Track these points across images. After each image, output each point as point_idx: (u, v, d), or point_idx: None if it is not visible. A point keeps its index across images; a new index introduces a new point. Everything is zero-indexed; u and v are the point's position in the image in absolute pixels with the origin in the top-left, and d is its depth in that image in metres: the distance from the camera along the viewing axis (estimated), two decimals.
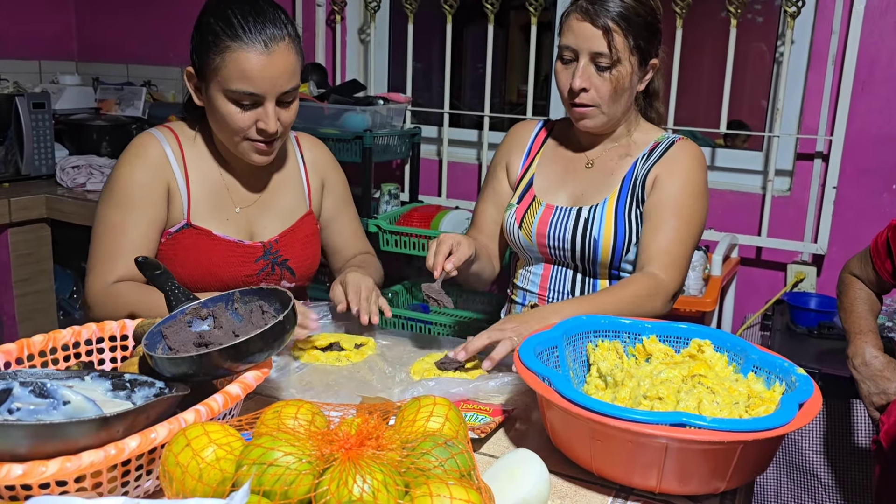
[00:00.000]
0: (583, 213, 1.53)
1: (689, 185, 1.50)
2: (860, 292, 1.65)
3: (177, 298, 1.15)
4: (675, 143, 1.54)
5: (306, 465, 0.70)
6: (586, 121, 1.51)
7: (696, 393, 1.03)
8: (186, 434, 0.76)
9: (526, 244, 1.59)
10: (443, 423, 0.82)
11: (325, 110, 2.68)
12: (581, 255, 1.54)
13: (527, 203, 1.60)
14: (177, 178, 1.46)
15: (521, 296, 1.66)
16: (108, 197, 1.44)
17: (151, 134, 1.48)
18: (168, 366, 0.95)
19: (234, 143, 1.42)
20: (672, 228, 1.47)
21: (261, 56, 1.33)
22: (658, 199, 1.49)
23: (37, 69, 3.59)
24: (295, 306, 1.03)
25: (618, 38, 1.43)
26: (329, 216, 1.68)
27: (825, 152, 2.41)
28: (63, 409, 0.77)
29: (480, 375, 1.26)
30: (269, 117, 1.37)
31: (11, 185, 2.83)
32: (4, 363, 0.99)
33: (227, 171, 1.52)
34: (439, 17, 2.89)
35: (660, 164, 1.52)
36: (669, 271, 1.45)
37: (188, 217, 1.47)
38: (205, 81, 1.39)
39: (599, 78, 1.46)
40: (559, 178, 1.61)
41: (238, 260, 1.50)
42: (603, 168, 1.58)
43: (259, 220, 1.55)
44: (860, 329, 1.59)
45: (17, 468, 0.73)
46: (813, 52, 2.40)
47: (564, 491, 0.96)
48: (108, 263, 1.40)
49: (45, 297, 2.86)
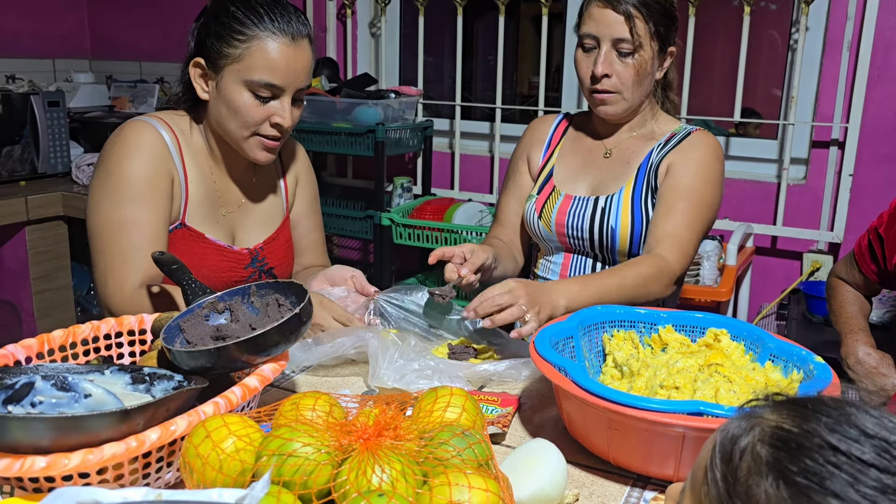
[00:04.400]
0: (600, 202, 1.54)
1: (702, 172, 1.50)
2: (848, 294, 1.65)
3: (194, 292, 1.16)
4: (692, 133, 1.56)
5: (325, 455, 0.71)
6: (607, 107, 1.52)
7: (712, 382, 1.02)
8: (206, 426, 0.76)
9: (546, 234, 1.60)
10: (460, 414, 0.82)
11: (337, 104, 2.68)
12: (600, 244, 1.55)
13: (546, 193, 1.61)
14: (178, 172, 1.39)
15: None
16: (111, 192, 1.33)
17: (146, 122, 1.38)
18: (186, 359, 0.96)
19: (242, 138, 1.37)
20: (681, 212, 1.47)
21: (288, 48, 1.31)
22: (670, 184, 1.50)
23: (51, 68, 3.61)
24: (311, 299, 1.03)
25: (639, 23, 1.44)
26: (294, 218, 1.62)
27: (841, 140, 2.39)
28: (84, 402, 0.78)
29: (490, 360, 1.27)
30: (285, 111, 1.35)
31: (28, 184, 2.85)
32: (25, 358, 1.00)
33: (218, 170, 1.47)
34: (450, 10, 2.88)
35: (674, 152, 1.53)
36: (675, 253, 1.44)
37: (183, 217, 1.40)
38: (217, 70, 1.34)
39: (621, 64, 1.47)
40: (578, 168, 1.62)
41: (229, 265, 1.45)
42: (620, 157, 1.59)
43: (242, 225, 1.50)
44: (851, 328, 1.58)
45: (41, 460, 0.74)
46: (828, 38, 2.37)
47: (582, 480, 0.96)
48: (126, 266, 1.32)
49: (62, 293, 2.89)
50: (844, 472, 0.46)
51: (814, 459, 0.47)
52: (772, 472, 0.48)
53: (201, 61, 1.35)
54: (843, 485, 0.46)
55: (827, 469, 0.46)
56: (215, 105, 1.37)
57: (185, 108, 1.45)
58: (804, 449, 0.48)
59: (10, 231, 2.71)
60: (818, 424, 0.49)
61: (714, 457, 0.52)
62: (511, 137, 2.94)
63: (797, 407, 0.52)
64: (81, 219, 2.75)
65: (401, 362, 1.15)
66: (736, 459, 0.50)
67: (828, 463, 0.47)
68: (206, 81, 1.37)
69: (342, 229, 2.81)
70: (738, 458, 0.50)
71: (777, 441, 0.49)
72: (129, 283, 1.32)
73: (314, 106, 2.69)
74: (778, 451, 0.49)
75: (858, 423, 0.49)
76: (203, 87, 1.38)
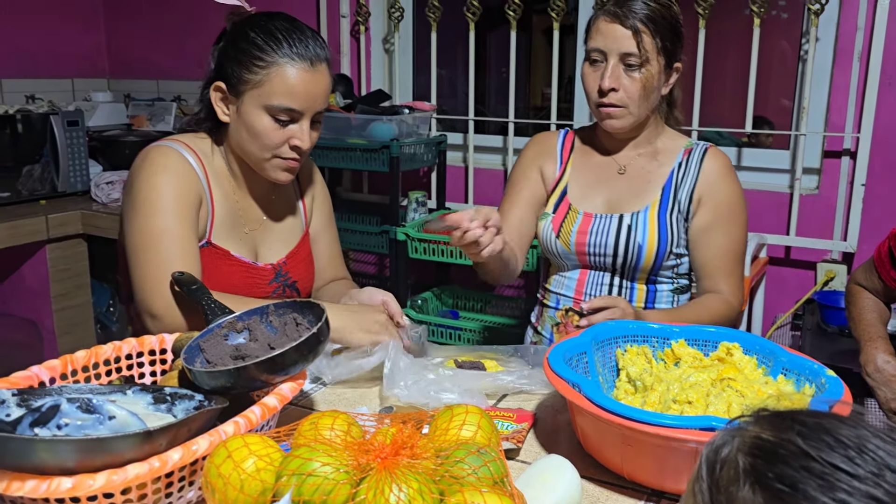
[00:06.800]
0: (625, 219, 1.56)
1: (732, 200, 1.59)
2: (868, 301, 1.65)
3: (213, 312, 1.18)
4: (707, 154, 1.60)
5: (344, 474, 0.72)
6: (614, 121, 1.53)
7: (725, 396, 1.03)
8: (227, 446, 0.78)
9: (563, 252, 1.62)
10: (475, 432, 0.84)
11: (352, 121, 2.71)
12: (623, 260, 1.57)
13: (563, 213, 1.62)
14: (205, 193, 1.43)
15: (555, 300, 1.68)
16: (142, 208, 1.35)
17: (170, 147, 1.41)
18: (207, 379, 0.98)
19: (262, 160, 1.40)
20: (731, 253, 1.58)
21: (306, 73, 1.35)
22: (708, 222, 1.58)
23: (70, 87, 3.67)
24: (328, 318, 1.05)
25: (646, 38, 1.47)
26: (312, 235, 1.65)
27: (853, 149, 2.39)
28: (109, 424, 0.80)
29: (498, 371, 1.28)
30: (304, 134, 1.38)
31: (48, 202, 2.90)
32: (49, 378, 1.03)
33: (240, 190, 1.50)
34: (462, 25, 2.91)
35: (701, 185, 1.58)
36: (737, 294, 1.58)
37: (210, 235, 1.43)
38: (238, 95, 1.37)
39: (628, 78, 1.49)
40: (591, 185, 1.64)
41: (254, 281, 1.48)
42: (637, 175, 1.61)
43: (264, 242, 1.53)
44: (870, 336, 1.58)
45: (67, 482, 0.76)
46: (838, 48, 2.38)
47: (596, 496, 0.97)
48: (165, 269, 1.32)
49: (82, 311, 2.92)
50: (815, 476, 0.48)
51: (788, 465, 0.50)
52: (748, 478, 0.50)
53: (222, 86, 1.38)
54: (814, 489, 0.48)
55: (800, 474, 0.49)
56: (236, 128, 1.41)
57: (206, 129, 1.48)
58: (779, 456, 0.50)
59: (31, 249, 2.75)
60: (793, 434, 0.51)
61: (700, 469, 0.55)
62: None
63: (777, 419, 0.54)
64: (101, 237, 2.81)
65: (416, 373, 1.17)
66: (718, 470, 0.53)
67: (801, 468, 0.49)
68: (227, 105, 1.40)
69: (358, 244, 2.83)
70: (720, 468, 0.53)
71: (755, 450, 0.52)
72: (167, 285, 1.32)
73: (330, 123, 2.72)
74: (755, 459, 0.51)
75: (833, 431, 0.51)
76: (224, 111, 1.41)
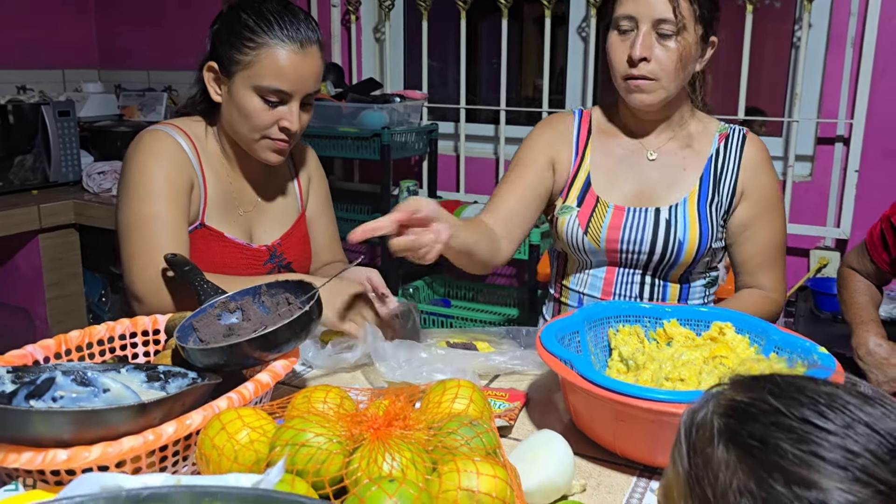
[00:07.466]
0: (662, 213, 1.43)
1: (773, 191, 1.49)
2: (860, 284, 1.65)
3: (206, 293, 1.18)
4: (747, 142, 1.48)
5: (337, 445, 0.73)
6: (644, 96, 1.37)
7: (717, 374, 1.04)
8: (221, 418, 0.78)
9: (591, 249, 1.46)
10: (468, 405, 0.84)
11: (343, 109, 2.71)
12: (661, 258, 1.43)
13: (590, 206, 1.46)
14: (197, 176, 1.44)
15: (576, 298, 1.53)
16: (134, 192, 1.38)
17: (162, 131, 1.42)
18: (200, 356, 0.98)
19: (252, 141, 1.41)
20: (771, 246, 1.49)
21: (296, 55, 1.35)
22: (750, 217, 1.47)
23: (60, 78, 3.66)
24: (320, 298, 1.06)
25: (683, 2, 1.32)
26: (310, 218, 1.65)
27: (846, 136, 2.40)
28: (103, 397, 0.81)
29: (489, 351, 1.29)
30: (293, 116, 1.39)
31: (40, 192, 2.89)
32: (44, 357, 1.03)
33: (233, 172, 1.51)
34: (453, 13, 2.91)
35: (743, 176, 1.46)
36: (780, 288, 1.51)
37: (203, 217, 1.45)
38: (229, 76, 1.38)
39: (662, 47, 1.34)
40: (617, 172, 1.49)
41: (248, 262, 1.49)
42: (670, 162, 1.47)
43: (259, 224, 1.54)
44: (862, 319, 1.59)
45: (62, 453, 0.76)
46: (831, 35, 2.39)
47: (589, 471, 0.98)
48: (151, 252, 1.34)
49: (75, 300, 2.92)
50: (785, 430, 0.50)
51: (759, 422, 0.51)
52: (722, 437, 0.52)
53: (214, 65, 1.40)
54: (785, 442, 0.49)
55: (770, 430, 0.50)
56: (227, 108, 1.42)
57: (200, 110, 1.49)
58: (750, 415, 0.52)
59: (24, 239, 2.75)
60: (765, 393, 0.53)
61: (679, 435, 0.56)
62: (516, 139, 2.96)
63: (751, 381, 0.56)
64: (93, 226, 2.80)
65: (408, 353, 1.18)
66: (694, 433, 0.54)
67: (772, 424, 0.50)
68: (219, 85, 1.42)
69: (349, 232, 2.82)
70: (696, 431, 0.54)
71: (729, 411, 0.53)
72: (152, 269, 1.34)
73: (320, 111, 2.71)
74: (729, 419, 0.52)
75: (804, 389, 0.52)
76: (216, 91, 1.42)
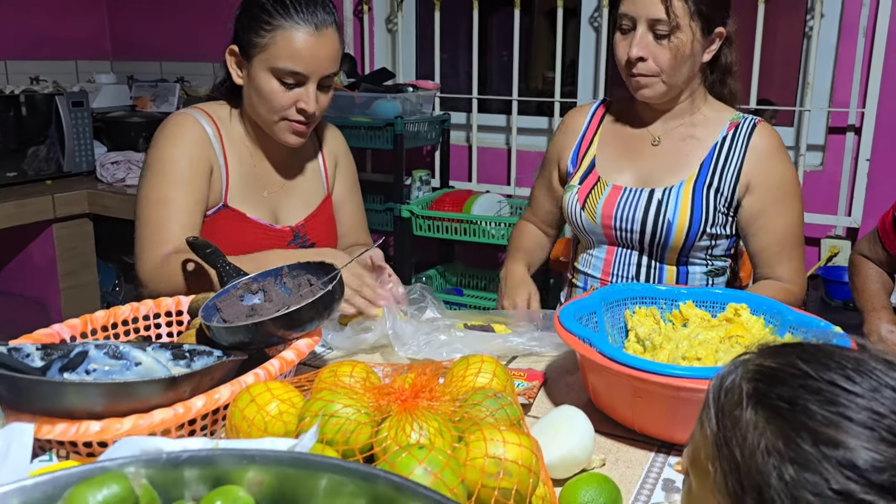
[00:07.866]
0: (655, 194, 1.47)
1: (785, 180, 1.48)
2: (871, 271, 1.65)
3: (228, 274, 1.20)
4: (755, 131, 1.48)
5: (365, 416, 0.74)
6: (645, 90, 1.45)
7: (734, 353, 1.04)
8: (251, 391, 0.80)
9: (589, 226, 1.53)
10: (491, 379, 0.86)
11: (356, 99, 2.72)
12: (651, 237, 1.48)
13: (590, 184, 1.54)
14: (218, 159, 1.47)
15: (583, 280, 1.61)
16: (151, 175, 1.43)
17: (188, 114, 1.47)
18: (225, 335, 1.00)
19: (271, 122, 1.44)
20: (786, 237, 1.49)
21: (311, 37, 1.37)
22: (760, 208, 1.47)
23: (73, 69, 3.68)
24: (342, 278, 1.07)
25: (676, 2, 1.37)
26: (336, 200, 1.68)
27: (857, 125, 2.40)
28: (135, 370, 0.82)
29: (506, 332, 1.30)
30: (309, 97, 1.41)
31: (54, 182, 2.91)
32: (70, 337, 1.04)
33: (257, 154, 1.54)
34: (465, 5, 2.91)
35: (749, 166, 1.46)
36: (798, 280, 1.52)
37: (225, 198, 1.48)
38: (248, 59, 1.41)
39: (658, 46, 1.40)
40: (621, 156, 1.56)
41: (271, 243, 1.51)
42: (672, 148, 1.52)
43: (284, 205, 1.57)
44: (873, 306, 1.59)
45: (95, 425, 0.78)
46: (843, 24, 2.38)
47: (608, 447, 0.99)
48: (158, 235, 1.39)
49: (89, 289, 2.94)
50: (814, 392, 0.51)
51: (787, 384, 0.52)
52: (751, 401, 0.53)
53: (236, 49, 1.44)
54: (813, 404, 0.50)
55: (798, 392, 0.51)
56: (248, 91, 1.46)
57: (225, 94, 1.52)
58: (779, 378, 0.53)
59: (38, 229, 2.77)
60: (794, 358, 0.54)
61: (707, 399, 0.57)
62: (527, 130, 2.97)
63: (779, 348, 0.57)
64: (106, 216, 2.82)
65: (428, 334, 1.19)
66: (722, 397, 0.56)
67: (800, 387, 0.52)
68: (241, 69, 1.45)
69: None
70: (725, 395, 0.56)
71: (757, 375, 0.55)
72: (158, 252, 1.39)
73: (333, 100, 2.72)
74: (757, 384, 0.54)
75: (833, 355, 0.54)
76: (238, 74, 1.46)
